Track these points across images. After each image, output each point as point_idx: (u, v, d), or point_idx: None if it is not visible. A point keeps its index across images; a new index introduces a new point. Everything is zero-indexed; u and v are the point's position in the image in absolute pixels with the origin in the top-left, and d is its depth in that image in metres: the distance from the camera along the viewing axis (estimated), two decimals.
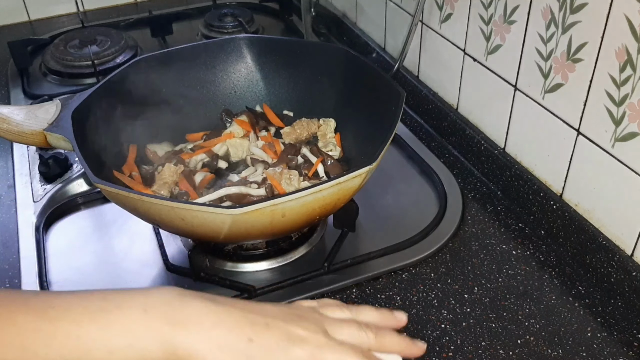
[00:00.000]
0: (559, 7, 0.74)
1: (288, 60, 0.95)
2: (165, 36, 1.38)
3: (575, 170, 0.79)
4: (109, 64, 1.24)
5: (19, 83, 1.22)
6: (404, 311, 0.60)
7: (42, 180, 0.94)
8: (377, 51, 1.20)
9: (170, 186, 0.83)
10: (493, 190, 0.92)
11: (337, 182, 0.65)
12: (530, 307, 0.74)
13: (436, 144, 1.03)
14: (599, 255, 0.76)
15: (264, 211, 0.63)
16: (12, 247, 0.84)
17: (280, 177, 0.81)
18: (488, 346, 0.69)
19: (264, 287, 0.76)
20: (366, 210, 0.87)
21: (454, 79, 0.99)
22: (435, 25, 1.01)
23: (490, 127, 0.94)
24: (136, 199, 0.65)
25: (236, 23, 1.38)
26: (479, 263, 0.80)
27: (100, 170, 0.75)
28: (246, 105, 0.97)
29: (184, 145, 0.92)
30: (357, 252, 0.81)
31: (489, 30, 0.88)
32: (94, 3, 1.53)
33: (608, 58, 0.69)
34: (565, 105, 0.78)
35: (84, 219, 0.90)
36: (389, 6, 1.13)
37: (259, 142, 0.92)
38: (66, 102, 0.78)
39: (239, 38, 0.96)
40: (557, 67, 0.77)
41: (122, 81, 0.86)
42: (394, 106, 0.76)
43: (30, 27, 1.48)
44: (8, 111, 0.76)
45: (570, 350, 0.69)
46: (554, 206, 0.82)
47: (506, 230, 0.85)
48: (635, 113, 0.67)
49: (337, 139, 0.91)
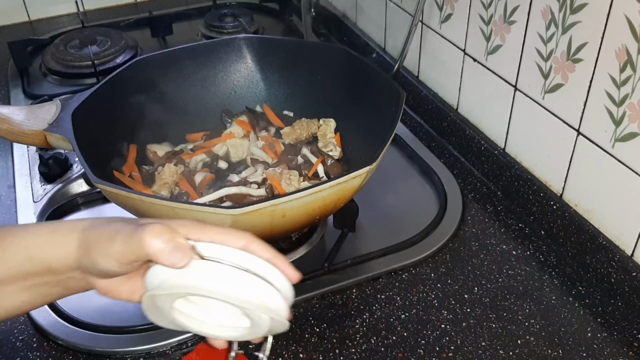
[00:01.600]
0: (559, 7, 0.74)
1: (288, 60, 0.95)
2: (166, 36, 1.38)
3: (575, 170, 0.79)
4: (109, 64, 1.24)
5: (19, 83, 1.22)
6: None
7: (42, 181, 0.94)
8: (377, 51, 1.20)
9: (171, 186, 0.83)
10: (493, 191, 0.92)
11: (337, 182, 0.65)
12: (530, 307, 0.74)
13: (436, 144, 1.03)
14: (599, 255, 0.76)
15: (264, 211, 0.63)
16: None
17: (280, 178, 0.81)
18: (488, 346, 0.69)
19: None
20: (366, 210, 0.87)
21: (454, 79, 0.99)
22: (435, 26, 1.01)
23: (490, 127, 0.94)
24: (136, 199, 0.65)
25: (236, 23, 1.38)
26: (479, 263, 0.80)
27: (100, 171, 0.75)
28: (246, 106, 0.97)
29: (184, 145, 0.92)
30: (357, 252, 0.81)
31: (489, 31, 0.88)
32: (94, 3, 1.53)
33: (608, 58, 0.69)
34: (565, 106, 0.78)
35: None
36: (389, 6, 1.13)
37: (259, 143, 0.92)
38: (66, 102, 0.78)
39: (239, 38, 0.96)
40: (557, 67, 0.77)
41: (122, 81, 0.86)
42: (394, 106, 0.76)
43: (30, 27, 1.48)
44: (8, 111, 0.76)
45: (570, 350, 0.69)
46: (554, 206, 0.82)
47: (506, 231, 0.85)
48: (635, 113, 0.67)
49: (337, 139, 0.91)
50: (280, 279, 0.49)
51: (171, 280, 0.47)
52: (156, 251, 0.46)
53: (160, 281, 0.47)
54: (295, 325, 0.73)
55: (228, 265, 0.47)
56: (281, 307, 0.48)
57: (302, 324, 0.73)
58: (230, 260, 0.47)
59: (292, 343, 0.70)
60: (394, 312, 0.73)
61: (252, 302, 0.47)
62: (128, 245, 0.47)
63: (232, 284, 0.47)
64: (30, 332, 0.72)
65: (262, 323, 0.49)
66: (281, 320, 0.48)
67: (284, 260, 0.50)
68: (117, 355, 0.70)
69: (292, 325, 0.72)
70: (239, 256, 0.48)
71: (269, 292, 0.47)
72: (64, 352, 0.70)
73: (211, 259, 0.47)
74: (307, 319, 0.73)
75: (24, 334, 0.72)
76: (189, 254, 0.46)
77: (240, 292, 0.47)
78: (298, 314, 0.74)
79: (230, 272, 0.47)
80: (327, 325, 0.72)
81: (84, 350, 0.70)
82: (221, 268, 0.47)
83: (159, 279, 0.47)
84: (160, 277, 0.47)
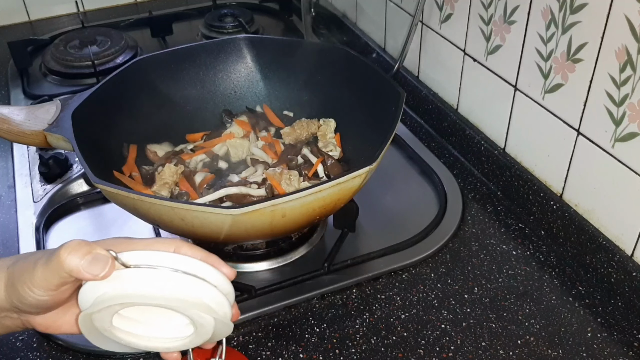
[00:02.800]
0: (559, 7, 0.74)
1: (288, 60, 0.95)
2: (166, 36, 1.38)
3: (575, 170, 0.79)
4: (109, 64, 1.24)
5: (19, 83, 1.22)
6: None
7: (42, 181, 0.94)
8: (377, 51, 1.20)
9: (171, 186, 0.83)
10: (493, 191, 0.92)
11: (337, 182, 0.65)
12: (531, 307, 0.74)
13: (436, 144, 1.03)
14: (599, 255, 0.76)
15: (264, 211, 0.63)
16: (12, 248, 0.84)
17: (280, 178, 0.81)
18: (488, 346, 0.69)
19: (264, 287, 0.76)
20: (366, 210, 0.87)
21: (454, 79, 0.99)
22: (435, 26, 1.01)
23: (490, 128, 0.94)
24: (136, 199, 0.65)
25: (236, 23, 1.38)
26: (479, 263, 0.80)
27: (100, 171, 0.75)
28: (246, 106, 0.97)
29: (184, 145, 0.92)
30: (357, 252, 0.81)
31: (489, 31, 0.88)
32: (94, 3, 1.53)
33: (608, 58, 0.69)
34: (565, 106, 0.78)
35: (84, 219, 0.90)
36: (389, 6, 1.13)
37: (259, 143, 0.92)
38: (66, 102, 0.78)
39: (239, 38, 0.96)
40: (557, 67, 0.77)
41: (122, 81, 0.86)
42: (394, 106, 0.76)
43: (30, 27, 1.48)
44: (8, 111, 0.76)
45: (570, 350, 0.69)
46: (554, 206, 0.82)
47: (506, 231, 0.85)
48: (635, 113, 0.67)
49: (337, 139, 0.91)
50: (215, 275, 0.47)
51: (103, 295, 0.46)
52: (74, 266, 0.45)
53: (92, 299, 0.46)
54: (295, 325, 0.73)
55: (158, 268, 0.46)
56: (220, 303, 0.47)
57: (302, 324, 0.73)
58: (160, 263, 0.46)
59: (292, 343, 0.70)
60: (394, 312, 0.73)
61: (188, 301, 0.45)
62: (48, 269, 0.45)
63: (164, 285, 0.45)
64: (30, 332, 0.72)
65: (206, 324, 0.47)
66: (223, 320, 0.47)
67: (217, 259, 0.49)
68: (116, 355, 0.70)
69: (292, 325, 0.72)
70: (168, 258, 0.47)
71: (204, 288, 0.46)
72: (64, 352, 0.70)
73: (140, 266, 0.46)
74: (307, 319, 0.73)
75: (24, 334, 0.72)
76: (109, 262, 0.45)
77: (174, 292, 0.45)
78: (298, 314, 0.74)
79: (161, 274, 0.46)
80: (327, 325, 0.72)
81: (84, 350, 0.70)
82: (151, 272, 0.46)
83: (90, 297, 0.46)
84: (91, 294, 0.46)
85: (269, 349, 0.70)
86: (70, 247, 0.45)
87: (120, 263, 0.46)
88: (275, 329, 0.72)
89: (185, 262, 0.47)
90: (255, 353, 0.69)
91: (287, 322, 0.73)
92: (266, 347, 0.70)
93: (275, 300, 0.75)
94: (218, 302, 0.47)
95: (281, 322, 0.73)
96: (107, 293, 0.45)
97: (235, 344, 0.71)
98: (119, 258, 0.46)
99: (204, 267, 0.47)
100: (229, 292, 0.48)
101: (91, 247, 0.46)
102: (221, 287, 0.48)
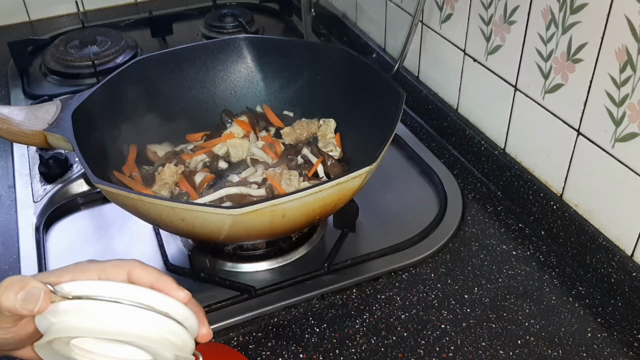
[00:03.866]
0: (559, 7, 0.74)
1: (288, 60, 0.95)
2: (166, 36, 1.38)
3: (575, 171, 0.79)
4: (109, 64, 1.24)
5: (19, 83, 1.22)
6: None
7: (42, 181, 0.94)
8: (377, 51, 1.20)
9: (171, 186, 0.83)
10: (493, 191, 0.92)
11: (337, 182, 0.65)
12: (530, 307, 0.74)
13: (436, 144, 1.03)
14: (599, 255, 0.76)
15: (264, 211, 0.63)
16: (12, 248, 0.84)
17: (280, 178, 0.81)
18: (488, 346, 0.69)
19: (264, 287, 0.76)
20: (366, 210, 0.87)
21: (454, 79, 0.99)
22: (435, 26, 1.01)
23: (490, 128, 0.94)
24: (136, 199, 0.65)
25: (236, 23, 1.38)
26: (479, 263, 0.80)
27: (100, 171, 0.75)
28: (246, 106, 0.97)
29: (184, 145, 0.92)
30: (357, 252, 0.81)
31: (489, 31, 0.88)
32: (94, 3, 1.53)
33: (608, 58, 0.69)
34: (565, 106, 0.78)
35: (84, 219, 0.90)
36: (389, 6, 1.13)
37: (259, 143, 0.92)
38: (66, 102, 0.78)
39: (239, 38, 0.96)
40: (557, 67, 0.77)
41: (122, 81, 0.86)
42: (394, 106, 0.76)
43: (30, 27, 1.48)
44: (8, 111, 0.76)
45: (570, 350, 0.69)
46: (554, 206, 0.82)
47: (506, 231, 0.85)
48: (635, 113, 0.67)
49: (337, 139, 0.91)
50: (166, 302, 0.46)
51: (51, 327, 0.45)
52: (10, 305, 0.44)
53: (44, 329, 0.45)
54: (295, 325, 0.73)
55: (99, 300, 0.44)
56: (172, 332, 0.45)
57: (302, 324, 0.73)
58: (104, 293, 0.45)
59: (292, 343, 0.70)
60: (394, 312, 0.73)
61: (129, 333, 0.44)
62: None
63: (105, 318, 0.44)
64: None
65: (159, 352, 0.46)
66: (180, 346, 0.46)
67: (170, 282, 0.47)
68: None
69: (292, 325, 0.72)
70: (114, 288, 0.45)
71: (149, 318, 0.45)
72: None
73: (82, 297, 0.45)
74: (307, 319, 0.73)
75: None
76: (42, 296, 0.44)
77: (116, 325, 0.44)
78: (298, 314, 0.74)
79: (102, 306, 0.44)
80: (327, 325, 0.72)
81: None
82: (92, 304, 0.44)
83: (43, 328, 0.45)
84: (43, 325, 0.45)
85: (269, 349, 0.70)
86: (4, 285, 0.44)
87: (61, 295, 0.45)
88: (275, 329, 0.72)
89: (131, 291, 0.45)
90: (255, 353, 0.69)
91: (287, 322, 0.73)
92: (266, 347, 0.70)
93: (275, 300, 0.75)
94: (169, 330, 0.45)
95: (281, 322, 0.73)
96: (54, 325, 0.45)
97: (235, 344, 0.71)
98: (59, 290, 0.45)
99: (152, 295, 0.45)
100: (185, 318, 0.46)
101: (25, 282, 0.44)
102: (173, 313, 0.46)
